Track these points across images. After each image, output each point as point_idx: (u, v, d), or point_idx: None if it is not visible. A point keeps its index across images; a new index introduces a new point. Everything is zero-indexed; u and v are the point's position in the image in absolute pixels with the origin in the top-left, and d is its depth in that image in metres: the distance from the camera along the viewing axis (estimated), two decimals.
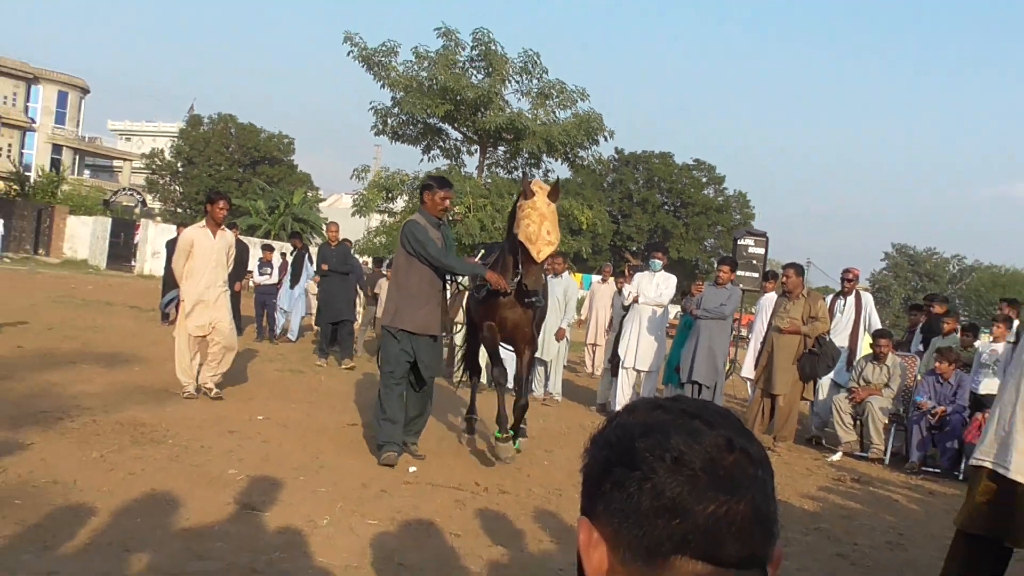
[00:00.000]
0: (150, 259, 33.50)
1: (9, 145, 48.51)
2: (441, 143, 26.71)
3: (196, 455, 5.82)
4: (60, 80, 55.35)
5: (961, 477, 8.62)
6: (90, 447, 5.61)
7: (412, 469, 6.27)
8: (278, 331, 14.43)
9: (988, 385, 9.27)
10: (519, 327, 6.85)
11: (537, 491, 6.09)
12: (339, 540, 4.44)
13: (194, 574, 3.73)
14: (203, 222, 8.40)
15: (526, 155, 26.21)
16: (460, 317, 8.97)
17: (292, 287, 14.68)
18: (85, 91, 57.50)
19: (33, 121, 53.53)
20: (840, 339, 10.07)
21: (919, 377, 9.67)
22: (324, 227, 13.70)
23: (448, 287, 7.05)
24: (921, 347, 10.80)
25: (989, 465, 3.45)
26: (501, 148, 26.77)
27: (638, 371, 10.12)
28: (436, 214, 6.69)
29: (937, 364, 9.08)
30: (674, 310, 14.59)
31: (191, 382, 8.06)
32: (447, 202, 6.74)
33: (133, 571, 3.67)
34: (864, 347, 10.18)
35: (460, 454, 7.10)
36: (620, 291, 12.04)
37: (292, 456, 6.16)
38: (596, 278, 15.74)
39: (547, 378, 11.15)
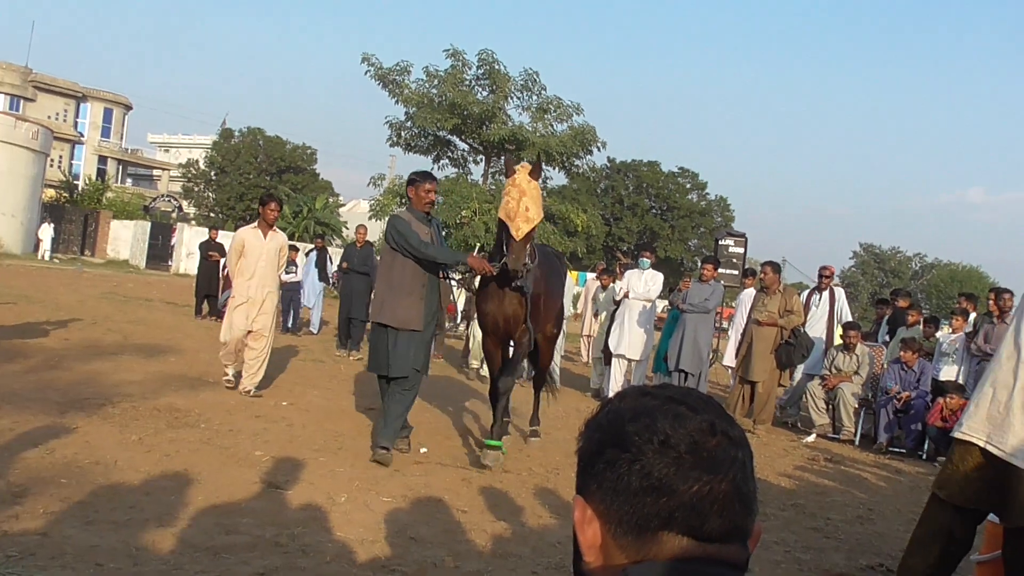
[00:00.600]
0: (185, 259, 33.49)
1: (60, 157, 48.49)
2: (450, 154, 26.81)
3: (226, 438, 5.78)
4: (106, 98, 55.37)
5: (924, 456, 8.60)
6: (130, 431, 5.57)
7: (423, 450, 6.22)
8: (291, 323, 14.32)
9: (948, 372, 9.27)
10: (510, 316, 6.02)
11: (537, 470, 6.05)
12: (356, 516, 4.40)
13: (224, 547, 3.69)
14: (256, 223, 7.91)
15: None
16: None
17: (320, 280, 14.71)
18: (128, 107, 57.50)
19: (81, 135, 53.55)
20: (816, 331, 10.06)
21: (886, 365, 9.65)
22: (355, 229, 13.57)
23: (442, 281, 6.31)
24: (887, 337, 10.77)
25: (980, 443, 3.34)
26: (504, 158, 26.77)
27: (629, 360, 10.07)
28: (423, 208, 6.01)
29: (902, 353, 9.06)
30: (662, 304, 14.52)
31: (230, 367, 7.75)
32: (432, 195, 6.04)
33: (168, 544, 3.63)
34: (836, 338, 10.14)
35: (467, 435, 7.06)
36: (604, 287, 12.05)
37: (313, 438, 6.12)
38: (591, 275, 15.71)
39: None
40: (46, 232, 32.90)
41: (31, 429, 5.20)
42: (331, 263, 15.17)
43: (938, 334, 10.18)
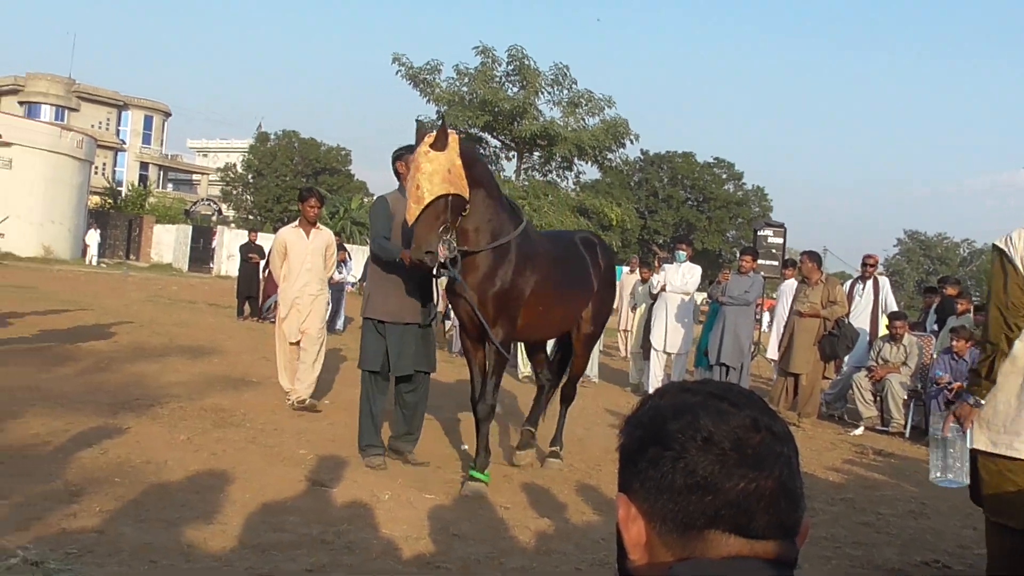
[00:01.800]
0: (226, 261, 34.05)
1: (104, 164, 49.48)
2: (482, 151, 26.82)
3: (270, 437, 5.86)
4: (146, 106, 56.45)
5: None
6: (178, 431, 5.67)
7: (464, 447, 6.25)
8: (339, 324, 14.41)
9: None
10: (470, 315, 5.13)
11: (578, 466, 6.03)
12: (399, 513, 4.43)
13: (271, 544, 3.75)
14: (296, 222, 7.34)
15: (559, 159, 26.22)
16: None
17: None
18: (167, 114, 58.56)
19: (123, 142, 54.63)
20: (860, 321, 9.89)
21: (935, 355, 9.45)
22: None
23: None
24: (936, 327, 10.55)
25: None
26: (536, 153, 26.80)
27: (668, 354, 10.02)
28: None
29: (953, 342, 8.87)
30: (701, 297, 14.41)
31: (293, 389, 7.07)
32: None
33: (218, 542, 3.70)
34: (882, 328, 9.97)
35: (506, 432, 7.07)
36: (644, 281, 11.95)
37: (356, 436, 6.17)
38: (626, 269, 15.62)
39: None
40: (93, 238, 33.59)
41: (85, 430, 5.32)
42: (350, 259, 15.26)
43: None
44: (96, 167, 41.11)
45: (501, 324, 5.15)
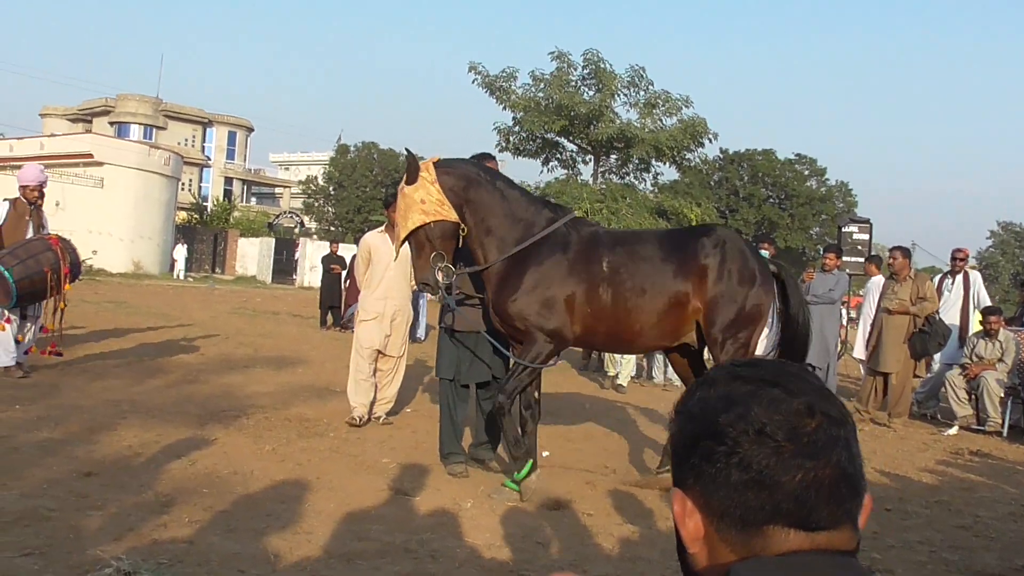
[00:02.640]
0: (308, 273, 34.87)
1: (190, 180, 51.26)
2: (558, 155, 26.81)
3: (353, 446, 5.94)
4: (229, 122, 58.20)
5: None
6: (264, 441, 5.80)
7: (546, 454, 6.20)
8: (419, 333, 14.43)
9: None
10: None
11: (662, 472, 5.93)
12: (482, 520, 4.44)
13: (356, 553, 3.79)
14: (383, 227, 7.02)
15: (636, 161, 25.98)
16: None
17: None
18: (250, 130, 60.25)
19: (208, 159, 56.48)
20: (950, 317, 9.55)
21: None
22: None
23: None
24: None
25: None
26: (613, 156, 26.62)
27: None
28: None
29: None
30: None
31: (360, 405, 6.74)
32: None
33: (303, 551, 3.76)
34: (975, 324, 9.57)
35: (590, 438, 7.01)
36: None
37: (437, 445, 6.20)
38: None
39: (666, 365, 10.93)
40: (180, 252, 34.83)
41: (174, 441, 5.49)
42: None
43: None
44: (183, 183, 42.60)
45: (528, 334, 4.95)
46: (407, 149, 4.88)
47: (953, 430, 8.62)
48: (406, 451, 5.92)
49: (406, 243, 5.01)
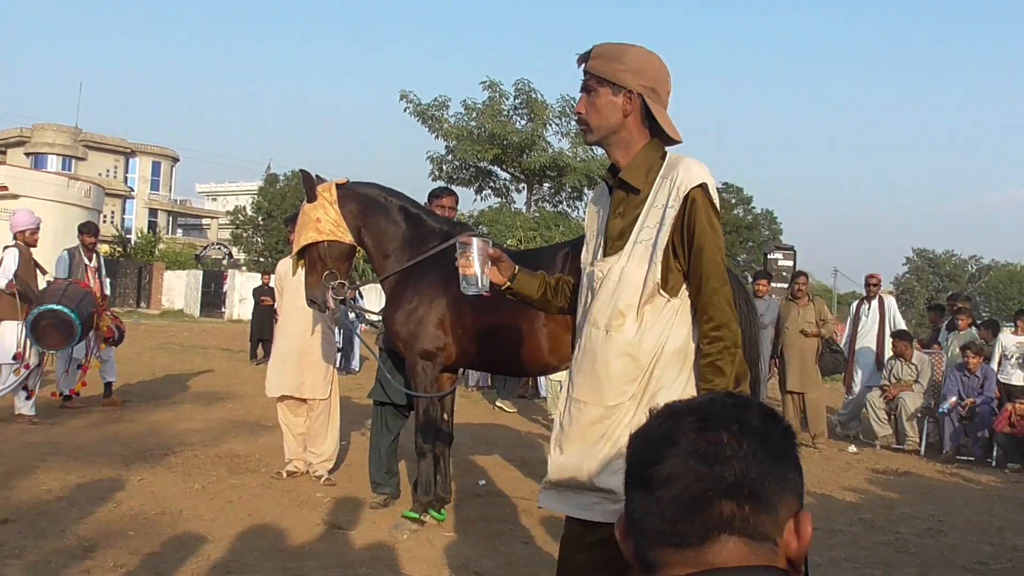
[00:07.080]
0: (238, 305, 34.15)
1: (112, 212, 49.97)
2: (492, 184, 27.01)
3: (286, 482, 5.85)
4: (153, 152, 57.04)
5: (994, 463, 8.39)
6: (193, 479, 5.68)
7: (482, 482, 6.23)
8: (351, 363, 14.27)
9: (1018, 376, 9.16)
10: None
11: None
12: (419, 552, 4.42)
13: None
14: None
15: (569, 189, 26.33)
16: None
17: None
18: (175, 160, 59.14)
19: (132, 190, 55.19)
20: (866, 341, 10.02)
21: (945, 372, 9.48)
22: None
23: None
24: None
25: None
26: (546, 184, 26.96)
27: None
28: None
29: (970, 358, 8.86)
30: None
31: (295, 459, 6.07)
32: (452, 212, 5.58)
33: None
34: (890, 348, 10.00)
35: (524, 465, 7.04)
36: None
37: None
38: None
39: None
40: None
41: (97, 483, 5.34)
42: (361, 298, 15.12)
43: (1000, 335, 9.95)
44: (105, 215, 41.47)
45: (405, 354, 4.84)
46: (302, 170, 4.86)
47: (852, 448, 8.96)
48: (341, 484, 5.86)
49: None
